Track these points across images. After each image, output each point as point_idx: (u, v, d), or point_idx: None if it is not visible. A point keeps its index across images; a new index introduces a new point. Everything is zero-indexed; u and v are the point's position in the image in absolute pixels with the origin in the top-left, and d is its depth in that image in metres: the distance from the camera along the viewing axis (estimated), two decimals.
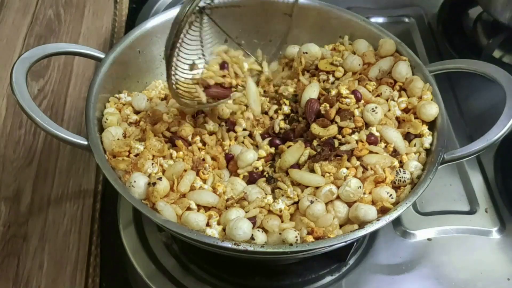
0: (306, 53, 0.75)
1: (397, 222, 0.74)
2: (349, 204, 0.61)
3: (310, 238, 0.57)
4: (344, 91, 0.69)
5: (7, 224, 0.74)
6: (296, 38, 0.82)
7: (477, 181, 0.79)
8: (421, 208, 0.76)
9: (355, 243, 0.68)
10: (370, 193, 0.62)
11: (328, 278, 0.69)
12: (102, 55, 0.70)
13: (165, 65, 0.60)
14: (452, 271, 0.70)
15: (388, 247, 0.72)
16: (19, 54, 0.97)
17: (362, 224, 0.58)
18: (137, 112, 0.71)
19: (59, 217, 0.75)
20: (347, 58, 0.74)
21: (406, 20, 1.05)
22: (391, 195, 0.61)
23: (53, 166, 0.81)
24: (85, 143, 0.61)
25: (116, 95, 0.72)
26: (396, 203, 0.60)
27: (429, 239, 0.73)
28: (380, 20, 1.03)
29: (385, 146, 0.66)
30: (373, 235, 0.72)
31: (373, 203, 0.61)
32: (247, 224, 0.56)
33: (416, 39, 1.01)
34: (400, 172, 0.63)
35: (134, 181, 0.59)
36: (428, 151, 0.66)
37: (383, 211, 0.59)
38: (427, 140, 0.66)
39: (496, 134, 0.62)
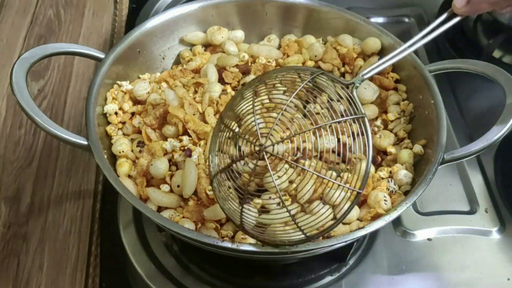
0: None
1: (397, 222, 0.74)
2: None
3: None
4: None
5: (7, 224, 0.74)
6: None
7: (477, 181, 0.79)
8: (421, 208, 0.76)
9: (355, 243, 0.68)
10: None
11: (328, 278, 0.69)
12: (102, 55, 0.70)
13: None
14: (452, 271, 0.70)
15: (388, 247, 0.72)
16: (19, 54, 0.97)
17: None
18: (135, 103, 0.71)
19: (59, 217, 0.75)
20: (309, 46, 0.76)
21: (406, 20, 1.05)
22: (386, 200, 0.61)
23: (53, 166, 0.81)
24: (85, 143, 0.61)
25: (118, 82, 0.72)
26: (388, 210, 0.60)
27: (429, 239, 0.73)
28: (380, 20, 1.03)
29: None
30: (373, 235, 0.72)
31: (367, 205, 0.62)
32: None
33: None
34: (390, 182, 0.64)
35: None
36: (422, 156, 0.67)
37: (374, 217, 0.60)
38: (418, 147, 0.67)
39: (496, 134, 0.62)
